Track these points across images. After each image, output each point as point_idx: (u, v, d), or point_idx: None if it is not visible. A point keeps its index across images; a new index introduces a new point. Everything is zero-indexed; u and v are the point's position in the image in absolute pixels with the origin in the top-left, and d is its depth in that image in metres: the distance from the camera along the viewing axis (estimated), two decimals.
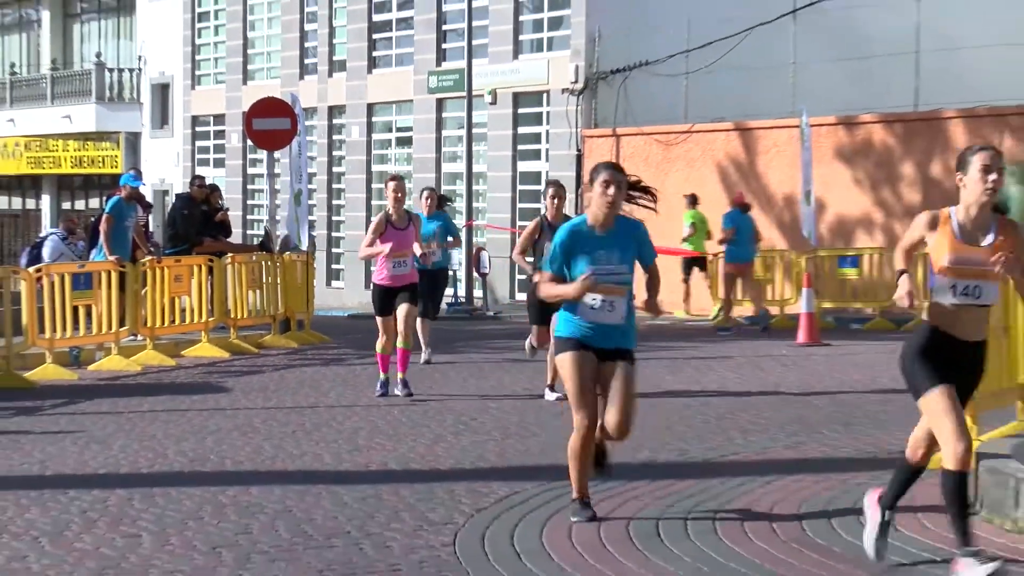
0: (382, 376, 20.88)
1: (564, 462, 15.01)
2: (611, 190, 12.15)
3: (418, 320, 23.50)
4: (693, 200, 36.83)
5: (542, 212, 17.81)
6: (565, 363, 12.37)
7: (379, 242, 18.97)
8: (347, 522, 12.45)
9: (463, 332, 33.83)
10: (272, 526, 12.34)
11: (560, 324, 12.79)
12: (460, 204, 43.20)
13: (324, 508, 13.14)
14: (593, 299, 12.14)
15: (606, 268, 12.15)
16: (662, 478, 14.22)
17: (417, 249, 20.01)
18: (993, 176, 9.91)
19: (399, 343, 19.25)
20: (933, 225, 10.41)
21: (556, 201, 17.87)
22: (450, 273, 31.89)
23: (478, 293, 43.05)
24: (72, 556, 11.37)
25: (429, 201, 24.52)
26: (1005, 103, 35.26)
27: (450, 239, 27.41)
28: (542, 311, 17.85)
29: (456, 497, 13.50)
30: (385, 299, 20.11)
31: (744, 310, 36.29)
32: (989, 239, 10.12)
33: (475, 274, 41.63)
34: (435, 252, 23.73)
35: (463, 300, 41.75)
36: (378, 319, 20.09)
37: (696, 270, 38.05)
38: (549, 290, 13.29)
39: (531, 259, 20.45)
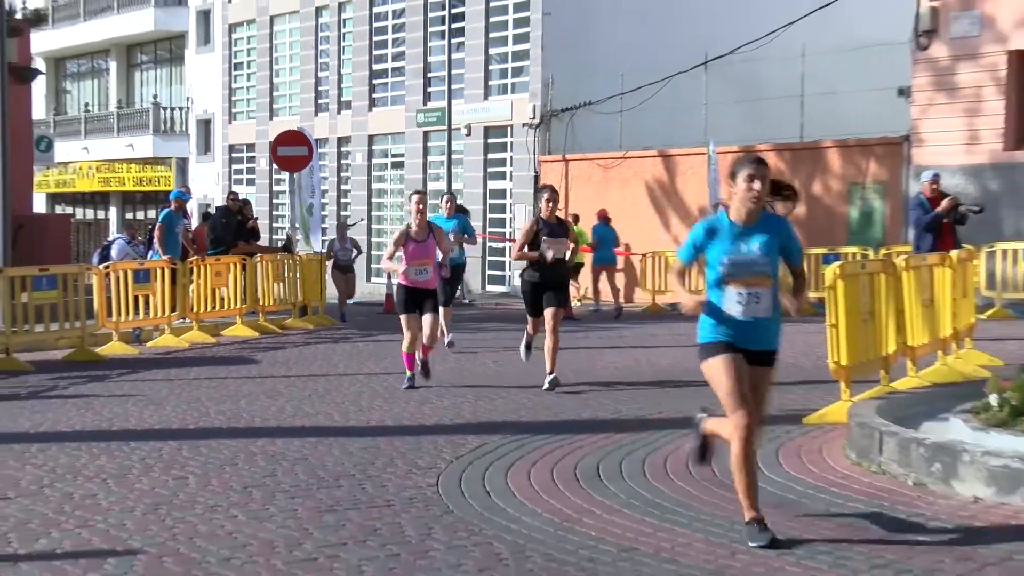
0: (408, 373, 18.58)
1: (523, 419, 15.14)
2: (756, 184, 10.27)
3: (440, 308, 21.56)
4: (576, 218, 36.87)
5: (537, 213, 17.50)
6: (714, 367, 10.12)
7: (400, 252, 17.76)
8: (352, 467, 12.61)
9: (458, 314, 33.73)
10: (292, 470, 12.51)
11: (703, 330, 10.38)
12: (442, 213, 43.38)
13: (334, 456, 13.30)
14: (739, 294, 10.14)
15: (745, 258, 10.24)
16: (602, 432, 14.34)
17: (439, 264, 18.46)
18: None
19: (424, 341, 17.57)
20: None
21: (551, 204, 17.28)
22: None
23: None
24: (133, 494, 11.53)
25: (449, 204, 23.75)
26: (870, 136, 35.35)
27: (466, 236, 26.03)
28: (536, 303, 17.25)
29: (439, 447, 13.65)
30: (408, 298, 18.09)
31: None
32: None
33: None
34: (452, 248, 22.19)
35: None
36: (402, 316, 18.01)
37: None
38: (674, 286, 13.28)
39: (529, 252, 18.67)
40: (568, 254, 17.65)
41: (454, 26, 44.58)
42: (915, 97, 34.44)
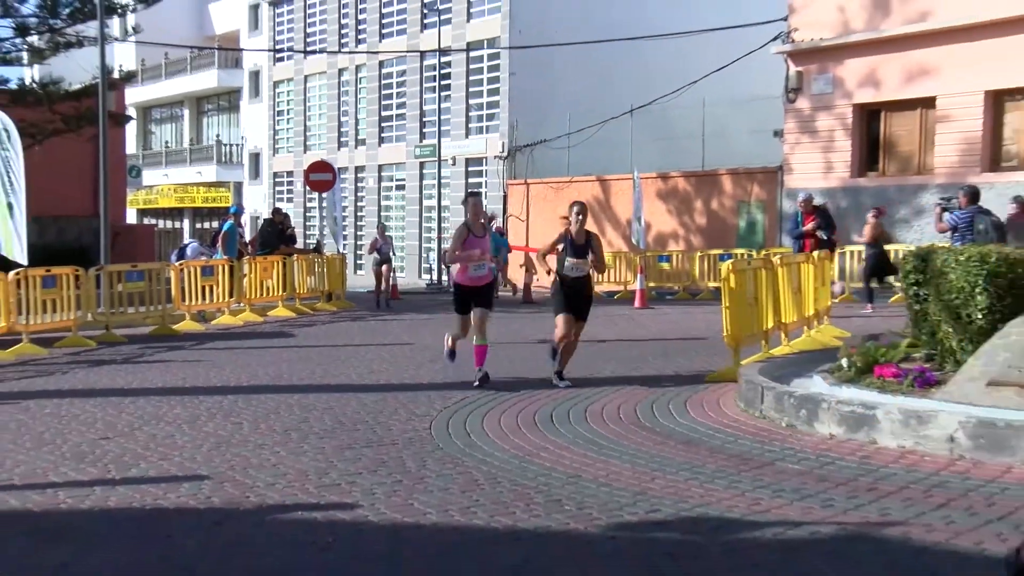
0: (448, 349, 15.72)
1: (494, 379, 15.02)
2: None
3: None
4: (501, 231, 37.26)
5: (565, 228, 14.49)
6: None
7: (463, 249, 14.80)
8: (366, 415, 12.55)
9: (437, 301, 33.66)
10: (321, 417, 12.44)
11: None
12: (434, 225, 43.40)
13: (352, 407, 13.22)
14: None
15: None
16: (554, 388, 14.35)
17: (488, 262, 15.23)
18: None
19: (475, 340, 14.65)
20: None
21: (581, 217, 14.35)
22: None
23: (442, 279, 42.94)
24: (201, 435, 11.48)
25: (485, 219, 20.34)
26: (753, 166, 35.41)
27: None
28: (569, 302, 14.14)
29: (431, 400, 13.57)
30: (464, 298, 15.05)
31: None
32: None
33: (443, 265, 41.55)
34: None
35: (435, 282, 41.65)
36: (456, 316, 15.08)
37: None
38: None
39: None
40: (591, 271, 14.57)
41: (443, 83, 44.65)
42: (786, 138, 34.51)
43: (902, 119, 32.51)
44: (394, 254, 34.29)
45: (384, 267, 30.00)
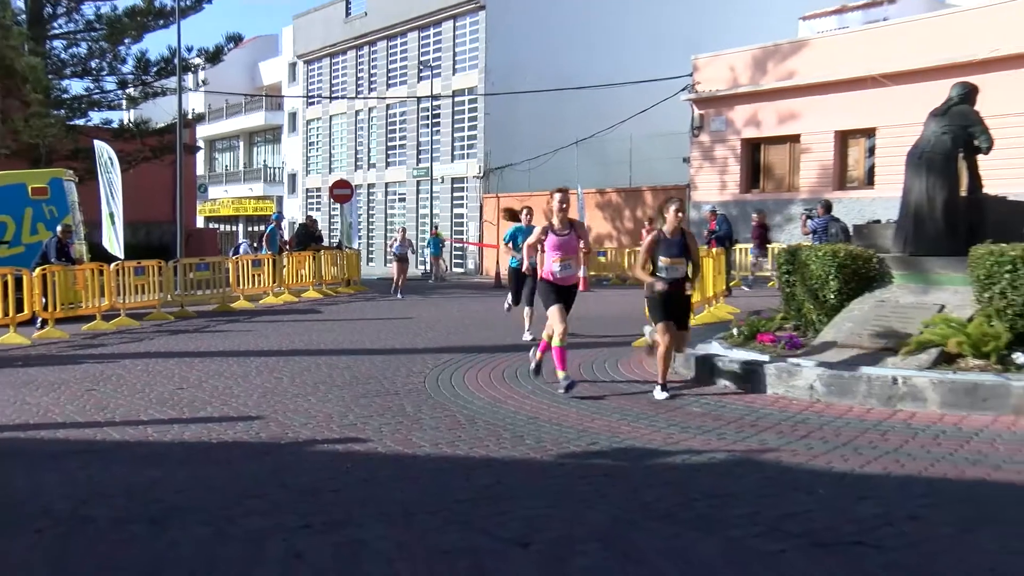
0: (562, 374, 10.84)
1: (474, 345, 14.99)
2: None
3: (525, 308, 15.98)
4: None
5: (659, 227, 10.88)
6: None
7: (542, 247, 11.50)
8: (376, 372, 12.46)
9: (432, 286, 33.59)
10: (342, 373, 12.36)
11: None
12: (427, 228, 43.29)
13: (366, 365, 13.15)
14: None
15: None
16: (518, 352, 14.28)
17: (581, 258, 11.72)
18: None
19: (556, 340, 11.14)
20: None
21: (680, 215, 10.70)
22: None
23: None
24: (252, 386, 11.41)
25: (529, 216, 17.13)
26: (668, 183, 35.43)
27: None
28: (667, 308, 10.38)
29: (425, 361, 13.50)
30: (553, 292, 11.31)
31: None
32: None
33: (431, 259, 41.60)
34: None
35: (428, 272, 41.60)
36: (553, 308, 11.22)
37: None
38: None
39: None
40: (689, 271, 10.65)
41: (434, 120, 44.66)
42: (692, 163, 34.57)
43: (776, 150, 32.62)
44: (414, 252, 34.03)
45: (401, 264, 28.66)
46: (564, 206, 11.23)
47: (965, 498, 6.38)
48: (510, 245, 16.17)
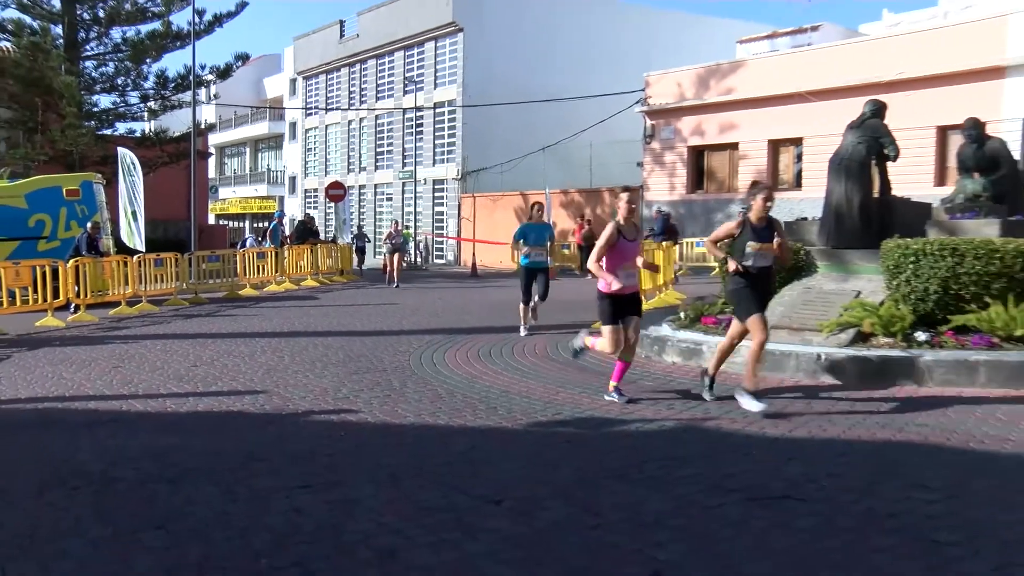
0: (613, 386, 8.95)
1: (453, 327, 14.93)
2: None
3: (520, 304, 14.35)
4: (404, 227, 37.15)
5: (745, 214, 8.89)
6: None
7: (608, 256, 8.87)
8: (366, 352, 12.42)
9: (416, 275, 33.52)
10: (336, 352, 12.31)
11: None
12: (411, 224, 43.21)
13: (357, 345, 13.08)
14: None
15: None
16: (492, 334, 14.29)
17: (639, 261, 9.10)
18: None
19: (622, 355, 9.10)
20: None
21: (770, 204, 8.51)
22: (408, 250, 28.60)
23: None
24: (256, 364, 11.33)
25: (540, 212, 15.13)
26: (624, 183, 35.45)
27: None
28: (758, 299, 8.44)
29: (410, 341, 13.45)
30: (616, 308, 8.93)
31: None
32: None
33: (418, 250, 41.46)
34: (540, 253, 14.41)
35: (413, 262, 41.44)
36: (607, 328, 8.92)
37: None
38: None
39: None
40: (773, 260, 8.62)
41: (417, 129, 44.42)
42: (645, 167, 34.62)
43: (717, 156, 32.67)
44: (407, 244, 33.47)
45: (397, 255, 27.36)
46: (633, 207, 8.82)
47: (875, 456, 6.48)
48: (520, 243, 14.27)
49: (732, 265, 8.30)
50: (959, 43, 25.42)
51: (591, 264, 8.71)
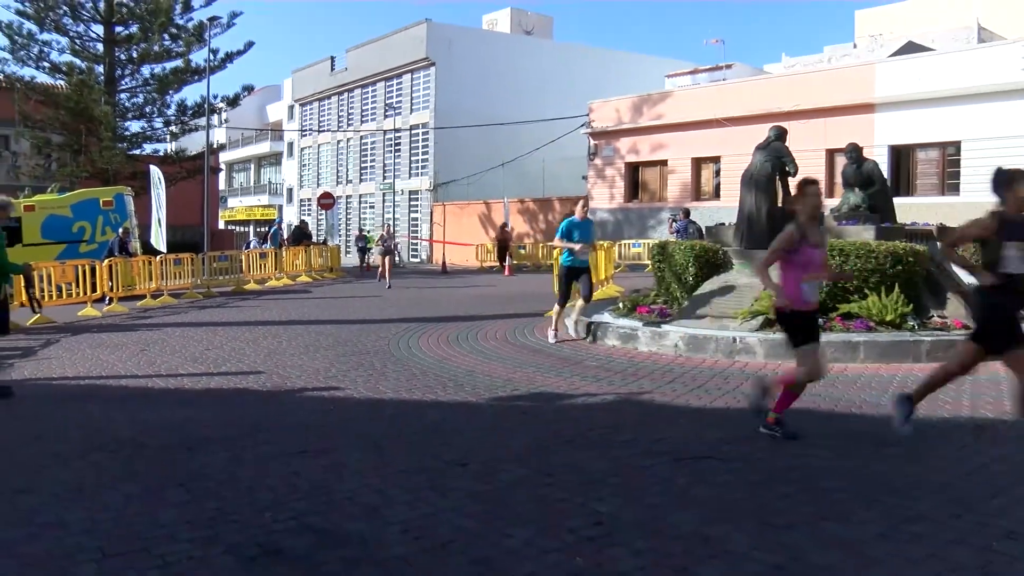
0: (775, 416, 5.99)
1: (426, 316, 14.84)
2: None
3: (580, 302, 11.72)
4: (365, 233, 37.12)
5: (1001, 208, 5.15)
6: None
7: (787, 265, 5.81)
8: (352, 337, 12.35)
9: (395, 272, 33.34)
10: (327, 338, 12.22)
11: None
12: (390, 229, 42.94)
13: (344, 332, 12.99)
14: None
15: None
16: (461, 321, 14.25)
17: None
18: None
19: (799, 378, 5.91)
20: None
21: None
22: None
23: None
24: (258, 348, 11.25)
25: (585, 208, 11.62)
26: (571, 194, 35.43)
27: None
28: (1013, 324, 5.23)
29: (389, 329, 13.38)
30: (807, 325, 5.81)
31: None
32: None
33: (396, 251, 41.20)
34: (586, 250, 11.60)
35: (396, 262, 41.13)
36: (804, 351, 5.77)
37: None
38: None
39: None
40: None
41: (396, 147, 44.15)
42: (589, 180, 34.63)
43: (650, 171, 32.76)
44: (396, 248, 32.36)
45: (388, 257, 25.16)
46: (818, 201, 6.03)
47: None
48: (565, 240, 11.37)
49: (988, 278, 5.30)
50: (840, 83, 26.01)
51: (757, 271, 6.20)
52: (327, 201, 37.78)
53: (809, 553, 3.92)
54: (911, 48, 29.20)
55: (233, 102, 34.52)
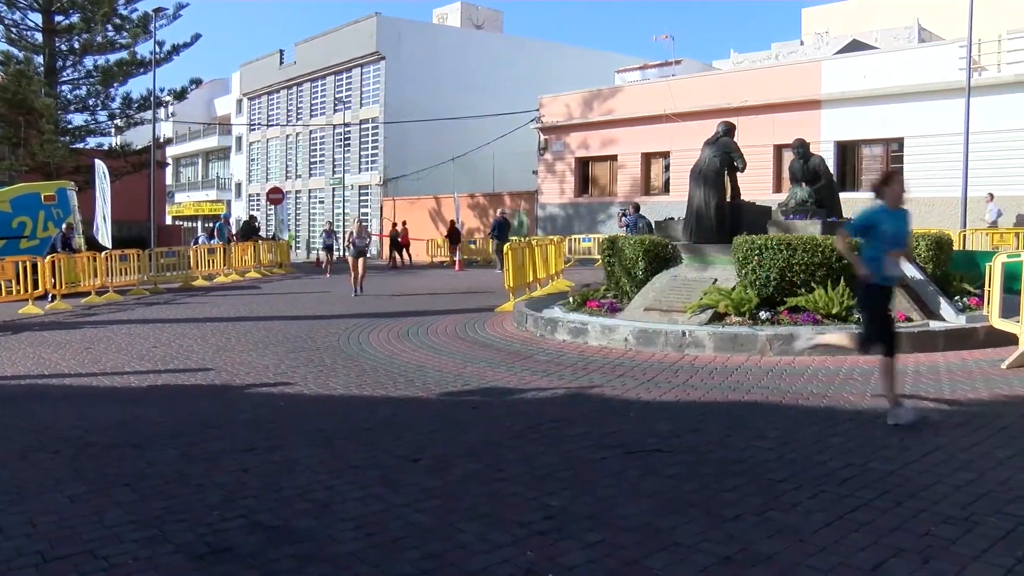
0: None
1: (377, 312, 14.78)
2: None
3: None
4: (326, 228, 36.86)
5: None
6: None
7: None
8: (302, 333, 12.24)
9: (344, 267, 33.08)
10: (276, 335, 12.11)
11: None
12: (340, 225, 42.58)
13: (294, 328, 12.88)
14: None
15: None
16: (411, 316, 14.21)
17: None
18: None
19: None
20: None
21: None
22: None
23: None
24: (207, 345, 11.08)
25: (900, 189, 10.15)
26: (522, 189, 35.56)
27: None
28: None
29: (339, 325, 13.29)
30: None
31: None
32: None
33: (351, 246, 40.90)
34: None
35: (342, 258, 40.74)
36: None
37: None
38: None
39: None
40: None
41: (346, 142, 43.83)
42: (539, 175, 34.71)
43: (600, 166, 32.92)
44: (368, 246, 30.32)
45: (361, 260, 20.34)
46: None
47: (728, 414, 6.62)
48: (859, 240, 6.63)
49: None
50: (788, 80, 26.40)
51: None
52: (276, 196, 37.45)
53: (757, 543, 3.98)
54: (856, 46, 29.71)
55: (180, 95, 33.94)
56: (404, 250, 32.76)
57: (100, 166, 23.99)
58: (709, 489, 4.78)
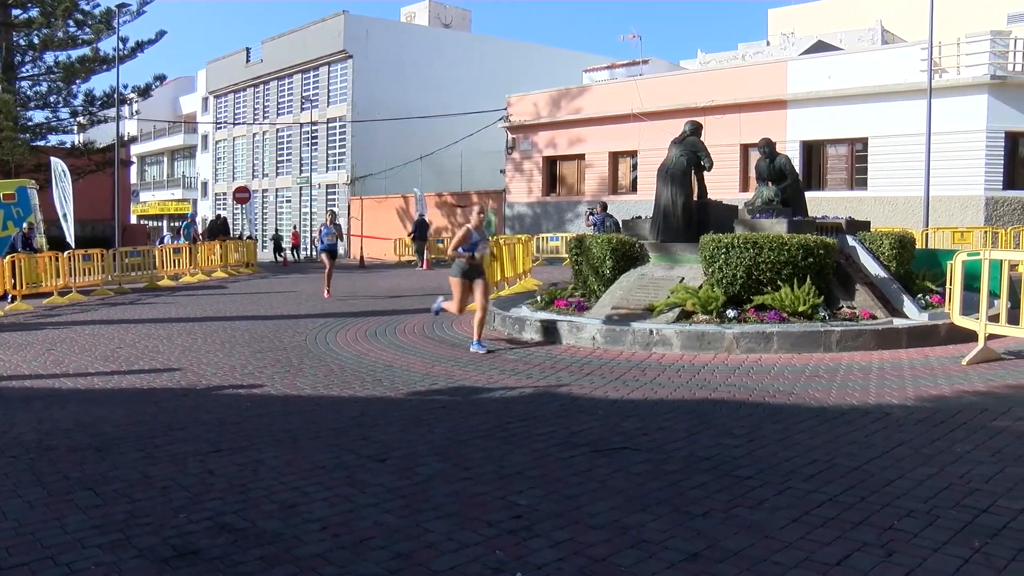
0: None
1: (343, 312, 14.70)
2: None
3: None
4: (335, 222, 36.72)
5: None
6: None
7: None
8: (268, 333, 12.16)
9: (312, 266, 32.88)
10: (242, 335, 12.02)
11: None
12: (307, 224, 42.33)
13: (260, 328, 12.79)
14: None
15: None
16: (377, 316, 14.14)
17: None
18: None
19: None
20: None
21: None
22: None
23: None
24: (174, 345, 10.95)
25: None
26: (491, 188, 35.57)
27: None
28: None
29: (306, 324, 13.22)
30: None
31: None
32: None
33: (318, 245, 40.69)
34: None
35: (311, 256, 40.56)
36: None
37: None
38: None
39: None
40: None
41: (313, 141, 43.63)
42: (507, 174, 34.72)
43: (568, 165, 33.01)
44: (341, 241, 26.74)
45: (332, 261, 19.13)
46: None
47: (695, 412, 6.65)
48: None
49: None
50: (754, 80, 26.69)
51: None
52: (242, 195, 37.15)
53: (724, 539, 4.00)
54: (821, 47, 30.03)
55: (144, 92, 33.46)
56: (426, 248, 31.75)
57: (57, 164, 23.43)
58: (676, 487, 4.80)
